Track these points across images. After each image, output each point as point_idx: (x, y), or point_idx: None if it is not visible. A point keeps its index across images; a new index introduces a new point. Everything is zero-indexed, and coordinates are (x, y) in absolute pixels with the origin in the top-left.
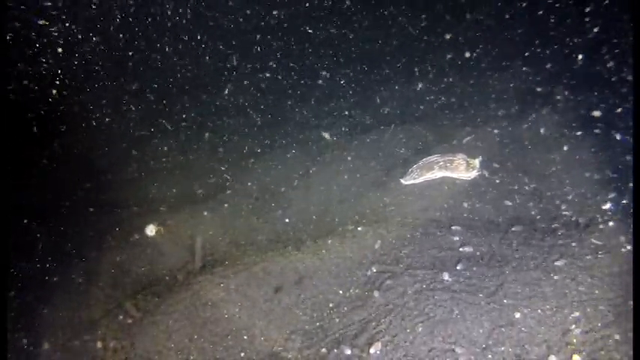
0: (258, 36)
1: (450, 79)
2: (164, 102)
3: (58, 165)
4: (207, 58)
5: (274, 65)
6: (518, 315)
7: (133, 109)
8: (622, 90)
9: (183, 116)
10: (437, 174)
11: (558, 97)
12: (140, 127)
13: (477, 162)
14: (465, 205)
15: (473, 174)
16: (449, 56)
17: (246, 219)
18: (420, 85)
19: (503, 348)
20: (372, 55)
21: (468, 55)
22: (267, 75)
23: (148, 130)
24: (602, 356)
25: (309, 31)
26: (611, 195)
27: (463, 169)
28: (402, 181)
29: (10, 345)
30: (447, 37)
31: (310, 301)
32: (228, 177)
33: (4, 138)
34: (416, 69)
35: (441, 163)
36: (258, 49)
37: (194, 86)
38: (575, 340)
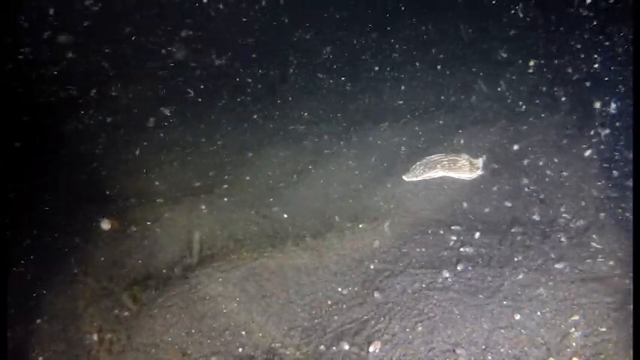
0: (255, 32)
1: (452, 79)
2: (164, 97)
3: (53, 157)
4: (203, 54)
5: (274, 62)
6: (518, 317)
7: (131, 96)
8: (623, 91)
9: (182, 111)
10: (439, 173)
11: (560, 99)
12: (138, 119)
13: (480, 162)
14: (465, 205)
15: (476, 174)
16: (450, 55)
17: (245, 214)
18: (421, 83)
19: (502, 349)
20: (372, 52)
21: (469, 55)
22: (267, 71)
23: (146, 122)
24: None
25: (309, 28)
26: (611, 198)
27: (467, 169)
28: (404, 177)
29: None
30: (449, 36)
31: (309, 298)
32: (227, 171)
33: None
34: (417, 67)
35: (445, 163)
36: (258, 46)
37: (193, 81)
38: (574, 344)
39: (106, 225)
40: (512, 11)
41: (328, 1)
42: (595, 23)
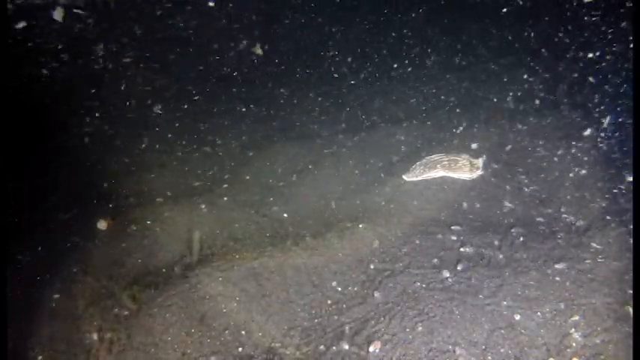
0: (261, 30)
1: (452, 79)
2: (163, 94)
3: (53, 157)
4: (206, 50)
5: (275, 59)
6: (518, 317)
7: (131, 96)
8: (623, 90)
9: (183, 110)
10: (439, 173)
11: (559, 98)
12: (138, 119)
13: (480, 162)
14: (465, 205)
15: (476, 174)
16: (450, 56)
17: (245, 213)
18: (421, 84)
19: (502, 350)
20: (374, 51)
21: (469, 55)
22: (268, 69)
23: (146, 122)
24: None
25: (312, 26)
26: (611, 198)
27: (467, 169)
28: (404, 177)
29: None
30: (449, 36)
31: (309, 298)
32: (227, 171)
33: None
34: (419, 68)
35: (445, 163)
36: (260, 42)
37: (194, 77)
38: (574, 344)
39: (105, 224)
40: (512, 9)
41: (332, 2)
42: (595, 21)
